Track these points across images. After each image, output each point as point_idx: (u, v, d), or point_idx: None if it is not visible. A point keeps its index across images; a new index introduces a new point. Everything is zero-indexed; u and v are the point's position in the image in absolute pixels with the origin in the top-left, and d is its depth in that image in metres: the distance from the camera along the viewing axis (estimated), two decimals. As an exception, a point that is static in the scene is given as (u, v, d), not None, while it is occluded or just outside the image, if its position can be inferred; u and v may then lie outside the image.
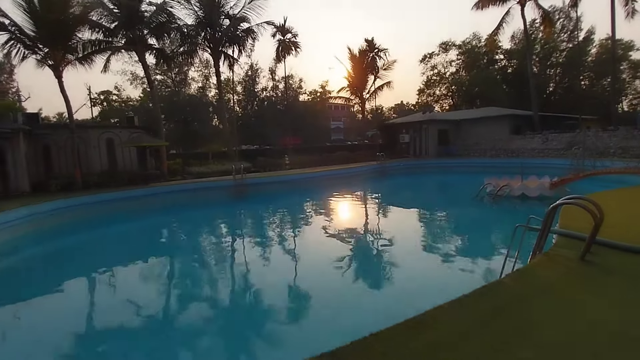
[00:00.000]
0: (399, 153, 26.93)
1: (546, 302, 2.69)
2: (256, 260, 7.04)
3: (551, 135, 21.24)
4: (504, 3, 24.63)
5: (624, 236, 4.06)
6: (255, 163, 20.48)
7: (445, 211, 11.54)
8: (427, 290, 5.03)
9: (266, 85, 37.12)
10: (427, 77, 42.35)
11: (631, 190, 8.11)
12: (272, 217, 11.74)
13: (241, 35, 20.82)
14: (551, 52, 35.50)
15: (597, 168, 11.38)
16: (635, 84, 36.64)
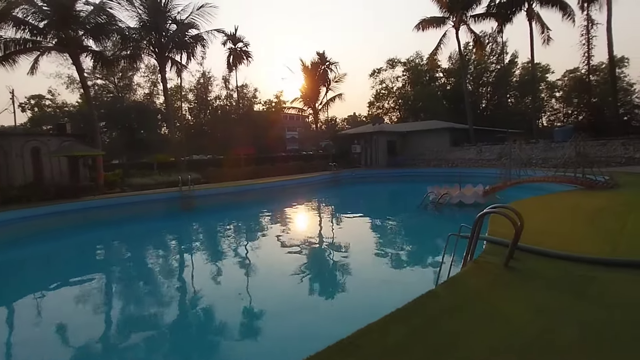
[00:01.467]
0: (351, 163, 27.76)
1: (475, 311, 2.78)
2: (203, 276, 6.74)
3: (484, 147, 23.45)
4: (441, 26, 26.96)
5: (544, 241, 4.40)
6: (206, 174, 19.73)
7: (392, 220, 12.04)
8: (371, 301, 5.10)
9: (219, 93, 36.27)
10: (376, 91, 44.66)
11: (551, 196, 9.11)
12: (222, 230, 11.31)
13: (190, 42, 20.21)
14: (483, 73, 39.46)
15: (522, 177, 12.75)
16: (552, 102, 41.96)
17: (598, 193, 9.02)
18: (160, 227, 11.92)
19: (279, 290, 5.67)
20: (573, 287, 3.16)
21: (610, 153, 18.10)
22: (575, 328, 2.42)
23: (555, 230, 5.22)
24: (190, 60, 20.79)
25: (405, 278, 6.22)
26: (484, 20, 26.54)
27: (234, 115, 34.01)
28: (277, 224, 11.81)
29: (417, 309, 2.77)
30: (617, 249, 4.13)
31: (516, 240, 3.67)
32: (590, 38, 26.89)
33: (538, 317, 2.61)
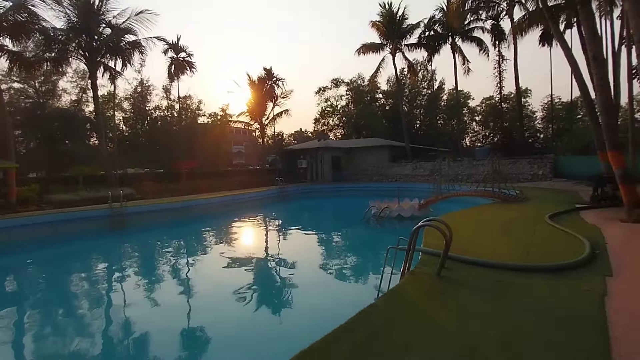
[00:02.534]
0: (297, 178, 28.09)
1: (413, 321, 2.94)
2: (135, 303, 6.04)
3: (419, 163, 25.59)
4: (379, 52, 29.26)
5: (471, 250, 5.00)
6: (142, 188, 18.30)
7: (337, 234, 12.40)
8: (316, 317, 5.12)
9: (160, 104, 34.10)
10: (321, 108, 46.18)
11: (475, 209, 10.31)
12: (158, 250, 10.43)
13: (126, 48, 18.98)
14: (416, 96, 43.30)
15: (451, 191, 14.23)
16: (473, 125, 47.54)
17: (511, 206, 10.50)
18: (84, 249, 10.56)
19: (221, 312, 5.43)
20: (495, 293, 3.57)
21: (519, 170, 21.06)
22: (498, 332, 2.73)
23: (479, 240, 5.98)
24: (126, 67, 19.46)
25: (349, 292, 6.41)
26: (416, 50, 29.49)
27: (176, 127, 32.24)
28: (220, 242, 11.37)
29: (359, 323, 2.89)
30: (529, 256, 4.93)
31: (446, 251, 4.07)
32: (501, 71, 31.39)
33: (467, 324, 2.89)
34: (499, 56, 30.72)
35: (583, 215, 8.30)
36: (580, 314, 3.05)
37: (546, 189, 15.25)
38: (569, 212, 8.66)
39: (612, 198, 9.37)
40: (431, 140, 37.13)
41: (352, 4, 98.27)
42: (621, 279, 3.90)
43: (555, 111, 36.87)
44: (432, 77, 41.97)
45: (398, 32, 28.04)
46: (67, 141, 26.90)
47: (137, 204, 14.73)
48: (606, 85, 8.78)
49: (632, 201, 7.38)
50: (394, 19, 27.89)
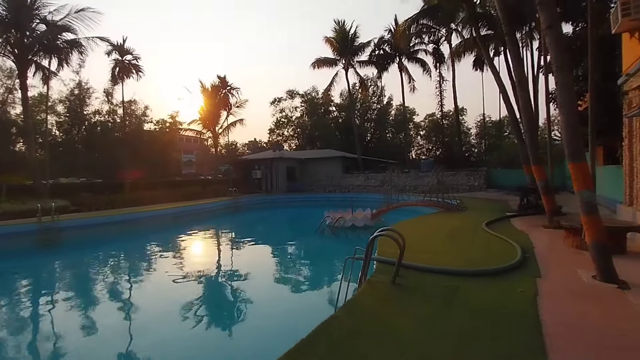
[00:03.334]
0: (252, 188, 27.62)
1: (373, 331, 3.03)
2: (67, 329, 5.41)
3: (370, 174, 26.74)
4: (333, 66, 30.40)
5: (421, 257, 5.39)
6: (77, 200, 16.62)
7: (291, 245, 12.41)
8: (274, 332, 5.00)
9: (100, 108, 31.33)
10: (276, 119, 46.28)
11: (423, 218, 11.09)
12: (95, 268, 9.40)
13: (63, 46, 17.40)
14: (367, 110, 45.39)
15: (400, 201, 15.12)
16: (418, 139, 50.99)
17: (454, 214, 11.50)
18: (7, 270, 9.11)
19: (169, 336, 5.02)
20: (445, 298, 3.89)
21: (458, 181, 23.06)
22: (451, 336, 2.94)
23: (428, 247, 6.50)
24: (63, 68, 17.79)
25: (307, 304, 6.40)
26: (367, 66, 31.12)
27: (119, 134, 29.86)
28: (167, 258, 10.48)
29: (321, 336, 2.92)
30: (472, 261, 5.49)
31: (400, 258, 4.32)
32: (442, 90, 34.39)
33: (421, 329, 3.08)
34: (440, 77, 33.67)
35: (513, 222, 9.42)
36: (517, 313, 3.46)
37: (481, 198, 16.90)
38: (502, 220, 9.76)
39: (536, 207, 10.75)
40: (381, 152, 39.04)
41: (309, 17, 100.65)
42: (549, 280, 4.53)
43: (487, 128, 41.20)
44: (382, 93, 44.49)
45: (350, 49, 29.40)
46: (-13, 146, 23.50)
47: (72, 218, 13.41)
48: (529, 107, 10.17)
49: (551, 209, 8.58)
50: (347, 37, 29.24)
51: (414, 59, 30.49)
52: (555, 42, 5.22)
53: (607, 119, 10.68)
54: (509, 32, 9.73)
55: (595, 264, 4.51)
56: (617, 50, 10.25)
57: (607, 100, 10.56)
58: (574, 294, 4.02)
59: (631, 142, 7.48)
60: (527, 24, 17.96)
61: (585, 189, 4.73)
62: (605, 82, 10.78)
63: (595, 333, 3.03)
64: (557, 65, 5.14)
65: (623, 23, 6.74)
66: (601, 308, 3.59)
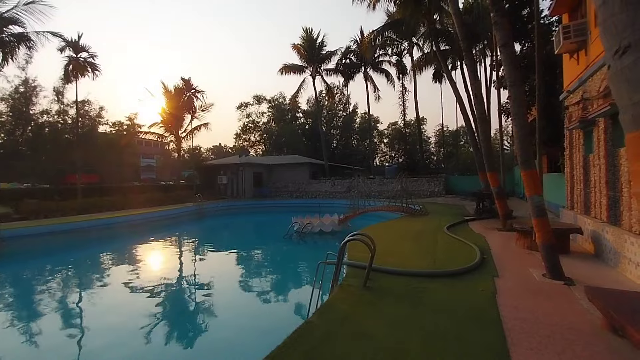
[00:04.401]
0: (217, 194, 26.82)
1: (347, 333, 3.11)
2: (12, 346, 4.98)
3: (337, 180, 27.09)
4: (300, 73, 30.60)
5: (389, 260, 5.59)
6: (21, 207, 15.14)
7: (259, 251, 12.20)
8: (246, 343, 4.84)
9: (49, 108, 28.79)
10: (243, 124, 45.49)
11: (389, 223, 11.41)
12: (42, 282, 8.52)
13: (9, 40, 15.92)
14: (333, 117, 46.17)
15: (366, 207, 15.48)
16: (382, 146, 52.64)
17: (417, 219, 11.98)
18: None
19: (124, 349, 4.74)
20: (413, 299, 4.08)
21: (420, 187, 24.08)
22: (420, 335, 3.11)
23: (395, 251, 6.73)
24: (7, 63, 16.24)
25: (279, 311, 6.34)
26: (334, 75, 31.70)
27: (70, 135, 27.65)
28: (125, 268, 9.75)
29: (296, 342, 2.93)
30: (436, 263, 5.77)
31: (371, 262, 4.46)
32: (404, 100, 35.95)
33: (393, 330, 3.19)
34: (402, 87, 35.25)
35: (471, 225, 10.01)
36: (479, 311, 3.72)
37: (441, 203, 17.77)
38: (461, 223, 10.33)
39: (490, 211, 11.53)
40: (347, 158, 39.79)
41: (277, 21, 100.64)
42: (505, 278, 4.89)
43: (445, 137, 43.60)
44: (348, 100, 45.56)
45: (318, 57, 29.82)
46: None
47: (16, 226, 12.21)
48: (485, 118, 10.94)
49: (504, 213, 9.25)
50: (314, 45, 29.63)
51: (379, 70, 31.59)
52: (509, 59, 5.72)
53: (550, 130, 11.77)
54: (466, 49, 10.44)
55: (545, 263, 4.94)
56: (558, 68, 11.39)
57: (550, 113, 11.65)
58: (528, 291, 4.37)
59: (572, 151, 8.31)
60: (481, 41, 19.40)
61: (535, 194, 5.18)
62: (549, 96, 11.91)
63: (548, 326, 3.32)
64: (510, 81, 5.62)
65: (564, 45, 7.52)
66: (552, 303, 3.94)
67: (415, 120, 33.02)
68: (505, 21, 5.90)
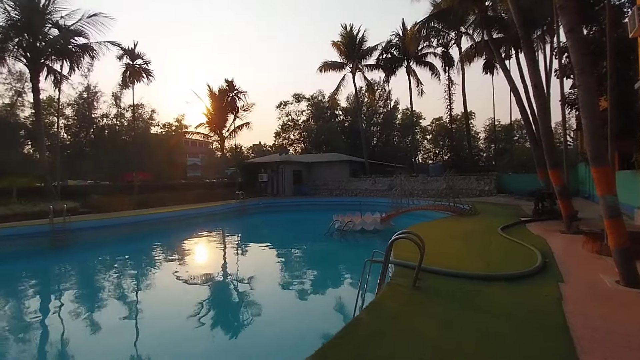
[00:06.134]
0: (258, 192, 27.62)
1: (398, 333, 3.01)
2: (80, 330, 5.46)
3: (377, 178, 26.57)
4: (340, 70, 30.39)
5: (438, 261, 5.27)
6: (87, 202, 16.74)
7: (300, 248, 12.31)
8: (293, 334, 4.99)
9: (108, 111, 31.74)
10: (282, 122, 46.36)
11: (435, 222, 10.85)
12: (103, 271, 9.38)
13: (75, 51, 17.65)
14: (373, 114, 45.36)
15: (409, 206, 14.96)
16: (424, 143, 50.75)
17: (466, 219, 11.31)
18: (19, 270, 9.21)
19: (177, 334, 4.99)
20: (467, 301, 3.83)
21: (468, 186, 22.78)
22: (476, 337, 2.91)
23: (444, 251, 6.37)
24: (74, 72, 18.04)
25: (321, 307, 6.34)
26: (375, 70, 31.04)
27: (126, 137, 30.16)
28: (176, 260, 10.47)
29: (346, 338, 2.91)
30: (490, 265, 5.36)
31: (421, 262, 4.24)
32: (451, 94, 34.19)
33: (446, 331, 3.05)
34: (449, 80, 33.54)
35: (529, 227, 9.21)
36: (543, 317, 3.39)
37: (493, 203, 16.64)
38: (517, 225, 9.54)
39: (551, 212, 10.53)
40: (387, 156, 38.89)
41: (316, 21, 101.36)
42: (572, 284, 4.40)
43: (496, 132, 40.80)
44: (388, 96, 44.41)
45: (358, 53, 29.42)
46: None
47: (83, 219, 13.48)
48: (546, 110, 10.01)
49: (569, 214, 8.38)
50: (354, 40, 29.26)
51: (423, 63, 30.42)
52: (577, 46, 5.11)
53: (623, 122, 10.46)
54: (524, 37, 9.60)
55: (618, 269, 4.41)
56: (632, 54, 10.08)
57: (623, 104, 10.35)
58: (598, 298, 3.92)
59: (651, 146, 7.29)
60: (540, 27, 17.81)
61: (608, 193, 4.60)
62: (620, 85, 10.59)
63: (624, 336, 2.97)
64: (578, 69, 5.03)
65: (642, 26, 6.60)
66: (627, 312, 3.50)
67: (463, 114, 31.36)
68: (571, 5, 5.29)
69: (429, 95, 76.35)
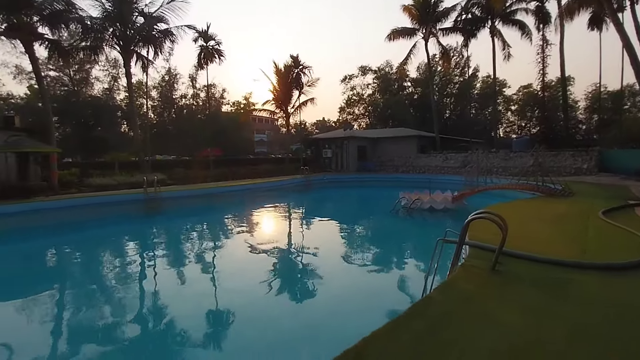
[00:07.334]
0: (322, 167, 27.87)
1: (470, 314, 2.81)
2: (171, 284, 6.28)
3: (449, 154, 24.57)
4: (411, 37, 28.05)
5: (520, 245, 4.56)
6: (172, 175, 18.79)
7: (365, 225, 12.14)
8: (358, 308, 4.95)
9: (186, 92, 34.87)
10: (347, 97, 45.34)
11: (516, 203, 9.51)
12: (191, 235, 10.73)
13: (158, 36, 19.28)
14: (447, 84, 41.53)
15: (487, 184, 13.49)
16: (508, 115, 45.07)
17: (558, 200, 9.72)
18: (123, 231, 11.06)
19: (254, 299, 5.30)
20: (555, 289, 3.32)
21: (561, 163, 19.70)
22: (563, 328, 2.55)
23: (528, 234, 5.50)
24: (158, 56, 19.82)
25: (386, 285, 6.17)
26: (452, 34, 27.96)
27: (201, 115, 32.86)
28: (245, 228, 11.43)
29: (417, 315, 2.76)
30: (586, 253, 4.43)
31: (502, 244, 3.76)
32: (545, 57, 29.24)
33: (528, 319, 2.72)
34: (543, 40, 28.64)
35: (638, 212, 7.51)
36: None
37: (592, 183, 14.11)
38: (623, 208, 7.87)
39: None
40: (461, 130, 35.58)
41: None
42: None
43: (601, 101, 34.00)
44: (466, 63, 39.92)
45: (432, 16, 26.68)
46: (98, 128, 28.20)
47: (169, 190, 15.12)
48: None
49: None
50: (429, 2, 26.52)
51: (511, 21, 26.41)
52: None
53: None
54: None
55: None
56: None
57: None
58: None
59: None
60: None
61: None
62: None
63: None
64: None
65: None
66: None
67: (558, 80, 26.78)
68: None
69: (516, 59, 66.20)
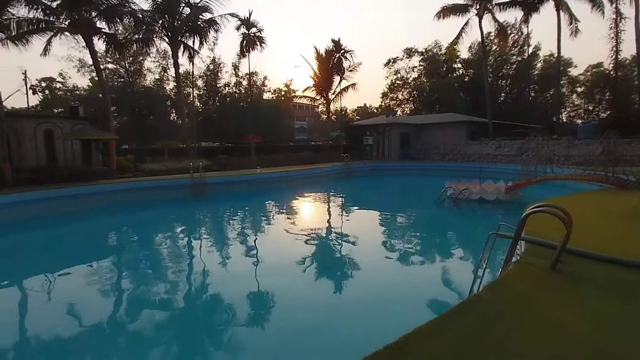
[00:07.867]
0: (363, 155, 27.25)
1: (525, 316, 2.58)
2: (215, 265, 6.64)
3: (503, 142, 22.64)
4: (463, 14, 25.86)
5: (585, 242, 4.00)
6: (216, 161, 19.52)
7: (410, 215, 11.67)
8: (400, 301, 4.76)
9: (229, 81, 35.84)
10: (391, 81, 43.55)
11: (581, 195, 8.44)
12: (235, 219, 11.15)
13: (203, 26, 19.78)
14: (503, 64, 38.01)
15: (546, 174, 12.17)
16: (573, 97, 40.41)
17: (630, 193, 8.45)
18: (173, 213, 11.89)
19: (292, 285, 5.41)
20: (626, 293, 2.91)
21: (635, 152, 17.25)
22: (635, 337, 2.24)
23: (594, 231, 4.86)
24: (203, 46, 20.38)
25: (436, 278, 5.90)
26: (510, 9, 25.31)
27: (243, 103, 33.63)
28: (285, 214, 11.65)
29: (465, 313, 2.55)
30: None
31: (566, 241, 3.36)
32: (619, 32, 25.40)
33: (594, 325, 2.41)
34: (616, 14, 24.83)
35: None
36: None
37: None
38: None
39: None
40: (517, 115, 32.58)
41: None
42: None
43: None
44: (526, 41, 36.07)
45: (488, -10, 24.33)
46: (151, 116, 30.16)
47: (214, 175, 15.71)
48: None
49: None
50: (484, -26, 24.18)
51: (579, -9, 23.20)
52: None
53: None
54: None
55: None
56: None
57: None
58: None
59: None
60: None
61: None
62: None
63: None
64: None
65: None
66: None
67: (634, 59, 23.23)
68: None
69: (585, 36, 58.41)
